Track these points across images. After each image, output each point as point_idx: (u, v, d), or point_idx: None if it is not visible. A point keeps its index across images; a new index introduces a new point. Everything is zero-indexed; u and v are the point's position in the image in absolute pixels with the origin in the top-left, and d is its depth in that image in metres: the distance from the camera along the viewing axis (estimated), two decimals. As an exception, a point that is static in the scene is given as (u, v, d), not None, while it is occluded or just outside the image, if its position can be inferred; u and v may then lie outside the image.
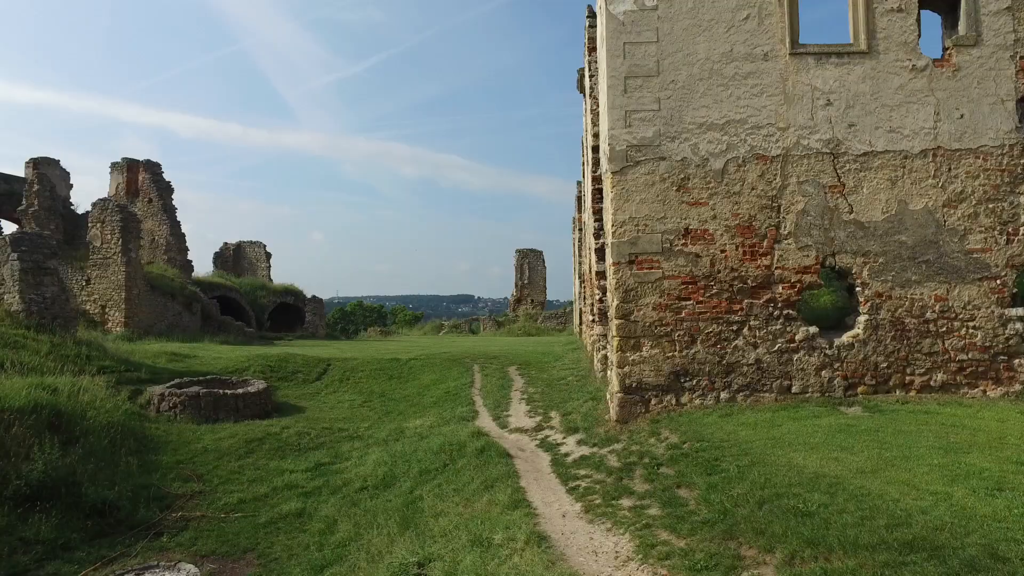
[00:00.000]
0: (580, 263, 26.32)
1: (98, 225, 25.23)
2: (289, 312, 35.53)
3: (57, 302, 16.88)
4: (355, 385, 18.10)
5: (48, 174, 28.44)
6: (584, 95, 19.30)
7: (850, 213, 10.59)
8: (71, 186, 31.39)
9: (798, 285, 10.62)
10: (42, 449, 9.26)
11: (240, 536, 8.99)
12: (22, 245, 16.47)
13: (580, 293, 26.35)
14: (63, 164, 31.48)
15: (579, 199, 28.60)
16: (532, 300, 45.54)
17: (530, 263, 46.05)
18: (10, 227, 28.03)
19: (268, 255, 41.82)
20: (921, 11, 10.68)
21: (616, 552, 5.91)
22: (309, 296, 36.11)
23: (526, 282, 45.95)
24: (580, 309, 26.07)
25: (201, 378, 15.93)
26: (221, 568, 8.26)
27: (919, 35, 10.52)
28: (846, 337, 10.57)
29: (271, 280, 39.15)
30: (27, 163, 28.72)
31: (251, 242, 42.53)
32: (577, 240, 29.43)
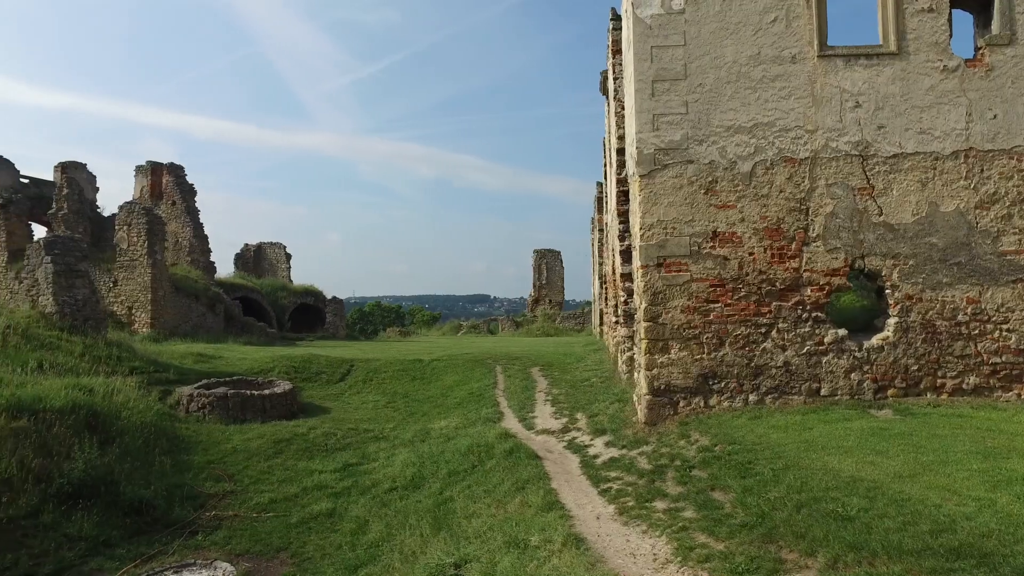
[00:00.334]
0: (601, 264, 26.30)
1: (124, 228, 25.65)
2: (309, 313, 35.84)
3: (88, 304, 17.21)
4: (379, 386, 18.25)
5: (76, 178, 28.97)
6: (607, 97, 19.30)
7: (879, 215, 10.53)
8: (97, 189, 31.94)
9: (827, 287, 10.57)
10: (82, 448, 9.50)
11: (273, 536, 9.14)
12: (55, 248, 16.82)
13: (601, 294, 26.34)
14: (88, 168, 32.09)
15: (599, 200, 28.58)
16: (550, 300, 45.57)
17: (548, 263, 46.08)
18: (40, 230, 28.59)
19: (288, 256, 42.23)
20: (952, 10, 10.58)
21: (654, 554, 5.95)
22: (329, 297, 36.40)
23: (544, 282, 45.99)
24: (601, 310, 26.06)
25: (227, 379, 16.15)
26: (256, 567, 8.40)
27: (950, 35, 10.43)
28: (876, 339, 10.51)
29: (291, 281, 39.53)
30: (56, 167, 29.28)
31: (271, 243, 43.00)
32: (597, 241, 29.40)
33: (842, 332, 10.52)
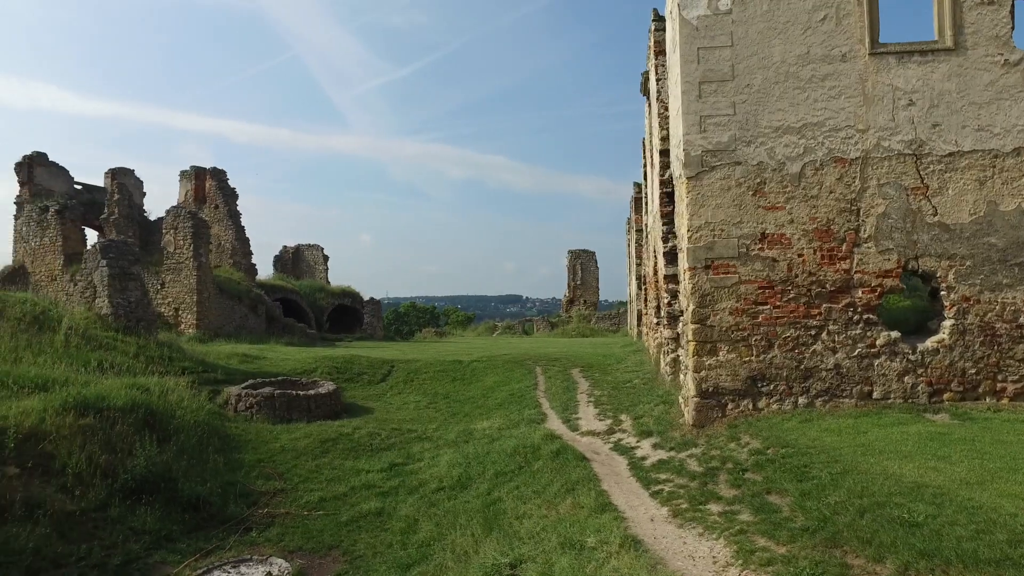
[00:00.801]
0: (639, 265, 26.14)
1: (171, 231, 26.38)
2: (347, 314, 36.36)
3: (140, 306, 17.76)
4: (419, 387, 18.42)
5: (125, 183, 29.91)
6: (647, 98, 19.18)
7: (934, 215, 10.29)
8: (144, 194, 32.94)
9: (879, 289, 10.37)
10: (143, 446, 9.81)
11: (324, 533, 9.29)
12: (110, 252, 17.40)
13: (639, 295, 26.17)
14: (135, 173, 33.11)
15: (636, 201, 28.41)
16: (584, 301, 45.46)
17: (583, 264, 45.99)
18: (92, 235, 29.59)
19: (326, 258, 42.90)
20: (1015, 2, 10.27)
21: (713, 557, 5.92)
22: (366, 298, 36.88)
23: (578, 283, 45.90)
24: (639, 310, 25.90)
25: (273, 379, 16.47)
26: (309, 563, 8.57)
27: (1012, 28, 10.13)
28: (930, 342, 10.27)
29: (329, 282, 40.16)
30: (106, 174, 30.28)
31: (308, 245, 43.73)
32: (634, 242, 29.21)
33: (895, 334, 10.31)
